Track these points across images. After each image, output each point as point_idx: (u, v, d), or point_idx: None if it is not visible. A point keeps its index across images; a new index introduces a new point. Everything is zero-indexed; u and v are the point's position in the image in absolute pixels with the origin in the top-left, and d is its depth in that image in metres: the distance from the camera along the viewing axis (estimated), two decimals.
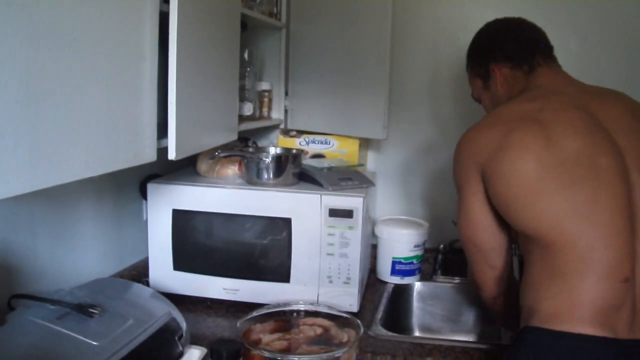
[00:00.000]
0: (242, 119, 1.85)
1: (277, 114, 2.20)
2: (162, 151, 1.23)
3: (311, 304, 1.60)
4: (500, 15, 1.60)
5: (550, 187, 1.20)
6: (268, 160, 1.74)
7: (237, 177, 1.82)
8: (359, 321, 1.47)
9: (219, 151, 1.70)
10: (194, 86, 1.30)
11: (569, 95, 1.35)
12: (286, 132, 2.21)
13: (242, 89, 1.85)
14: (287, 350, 1.41)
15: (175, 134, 1.21)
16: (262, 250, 1.72)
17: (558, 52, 1.51)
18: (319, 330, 1.49)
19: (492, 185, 1.28)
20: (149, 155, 1.19)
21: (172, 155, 1.22)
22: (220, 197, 1.72)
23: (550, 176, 1.20)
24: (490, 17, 1.61)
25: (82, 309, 1.14)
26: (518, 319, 1.30)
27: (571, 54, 1.97)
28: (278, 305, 1.58)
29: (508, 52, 1.50)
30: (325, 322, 1.52)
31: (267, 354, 1.32)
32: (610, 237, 1.16)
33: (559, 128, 1.23)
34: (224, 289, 1.74)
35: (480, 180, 1.32)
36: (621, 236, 1.16)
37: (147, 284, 1.75)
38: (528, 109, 1.31)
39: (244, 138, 2.11)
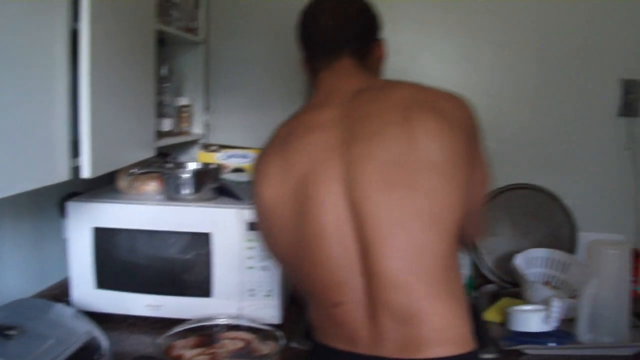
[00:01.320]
0: (161, 134, 1.84)
1: (197, 129, 2.21)
2: (79, 169, 1.22)
3: (233, 317, 1.61)
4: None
5: (269, 228, 1.27)
6: (186, 175, 1.75)
7: (158, 194, 1.82)
8: (279, 333, 1.49)
9: (137, 168, 1.70)
10: (107, 103, 1.30)
11: (330, 108, 1.23)
12: (206, 147, 2.21)
13: (160, 104, 1.85)
14: None
15: (89, 152, 1.21)
16: (184, 266, 1.72)
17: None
18: (240, 344, 1.50)
19: None
20: (63, 174, 1.19)
21: (85, 173, 1.22)
22: (140, 213, 1.71)
23: (268, 217, 1.25)
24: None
25: None
26: None
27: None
28: (199, 320, 1.57)
29: (303, 48, 1.36)
30: (247, 336, 1.53)
31: None
32: (314, 267, 1.20)
33: (288, 160, 1.20)
34: (147, 305, 1.73)
35: None
36: (325, 266, 1.18)
37: (68, 303, 1.72)
38: (282, 133, 1.27)
39: (165, 154, 2.10)
